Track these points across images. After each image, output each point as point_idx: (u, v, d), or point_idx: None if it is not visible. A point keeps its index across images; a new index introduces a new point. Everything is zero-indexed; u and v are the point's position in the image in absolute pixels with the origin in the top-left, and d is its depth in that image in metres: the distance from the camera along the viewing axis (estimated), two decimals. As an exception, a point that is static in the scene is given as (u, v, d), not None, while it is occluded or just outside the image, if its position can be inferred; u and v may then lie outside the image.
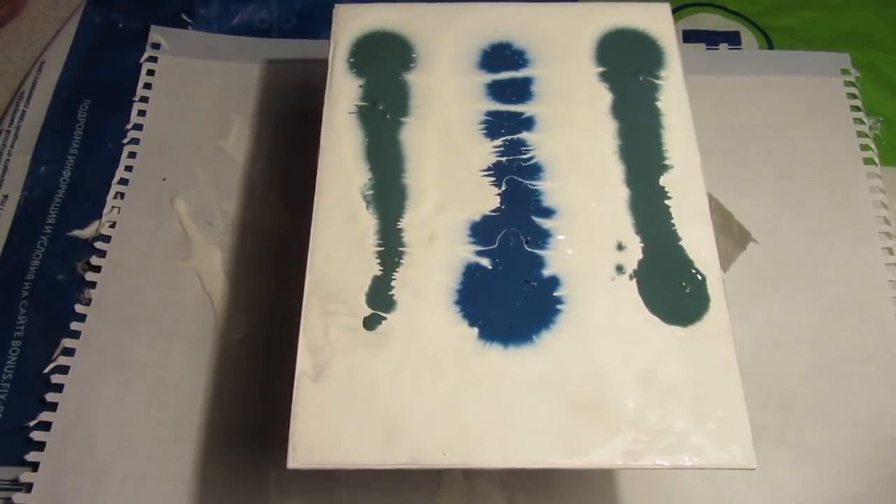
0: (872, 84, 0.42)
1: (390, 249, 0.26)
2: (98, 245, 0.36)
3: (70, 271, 0.36)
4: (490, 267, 0.26)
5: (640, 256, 0.27)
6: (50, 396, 0.33)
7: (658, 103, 0.29)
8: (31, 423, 0.32)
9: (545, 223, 0.27)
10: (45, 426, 0.32)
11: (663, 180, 0.28)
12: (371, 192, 0.28)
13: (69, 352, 0.34)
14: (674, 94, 0.30)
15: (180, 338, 0.34)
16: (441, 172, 0.28)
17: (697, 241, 0.27)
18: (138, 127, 0.39)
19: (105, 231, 0.37)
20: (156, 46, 0.42)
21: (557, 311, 0.25)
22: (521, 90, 0.30)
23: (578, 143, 0.29)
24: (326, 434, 0.23)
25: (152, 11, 0.43)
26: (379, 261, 0.26)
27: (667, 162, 0.28)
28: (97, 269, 0.36)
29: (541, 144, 0.29)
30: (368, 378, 0.24)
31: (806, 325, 0.35)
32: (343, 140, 0.29)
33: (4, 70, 0.43)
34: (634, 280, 0.26)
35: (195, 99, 0.40)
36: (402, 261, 0.26)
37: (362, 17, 0.31)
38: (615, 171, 0.28)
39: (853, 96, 0.41)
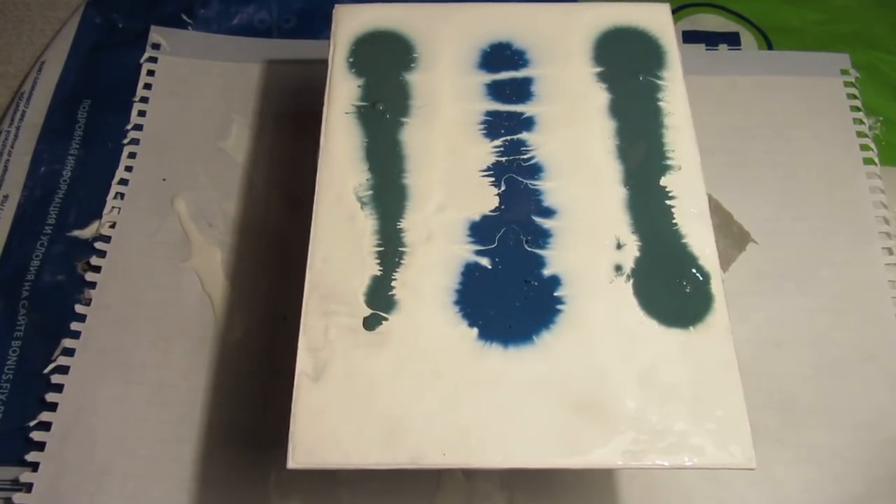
0: (872, 84, 0.42)
1: (390, 249, 0.26)
2: (98, 245, 0.36)
3: (70, 271, 0.36)
4: (490, 267, 0.26)
5: (641, 256, 0.27)
6: (50, 396, 0.33)
7: (658, 103, 0.29)
8: (31, 423, 0.32)
9: (545, 223, 0.27)
10: (45, 426, 0.32)
11: (664, 180, 0.28)
12: (370, 192, 0.28)
13: (69, 352, 0.34)
14: (674, 94, 0.30)
15: (180, 338, 0.34)
16: (441, 172, 0.28)
17: (698, 240, 0.27)
18: (138, 127, 0.39)
19: (105, 231, 0.37)
20: (156, 47, 0.42)
21: (557, 311, 0.25)
22: (520, 90, 0.30)
23: (579, 143, 0.29)
24: (326, 434, 0.23)
25: (152, 12, 0.43)
26: (378, 261, 0.26)
27: (667, 162, 0.28)
28: (97, 269, 0.36)
29: (541, 144, 0.29)
30: (368, 378, 0.24)
31: (806, 325, 0.35)
32: (343, 140, 0.29)
33: (4, 70, 0.43)
34: (634, 280, 0.26)
35: (195, 99, 0.40)
36: (401, 261, 0.26)
37: (362, 16, 0.31)
38: (615, 171, 0.28)
39: (853, 96, 0.40)
